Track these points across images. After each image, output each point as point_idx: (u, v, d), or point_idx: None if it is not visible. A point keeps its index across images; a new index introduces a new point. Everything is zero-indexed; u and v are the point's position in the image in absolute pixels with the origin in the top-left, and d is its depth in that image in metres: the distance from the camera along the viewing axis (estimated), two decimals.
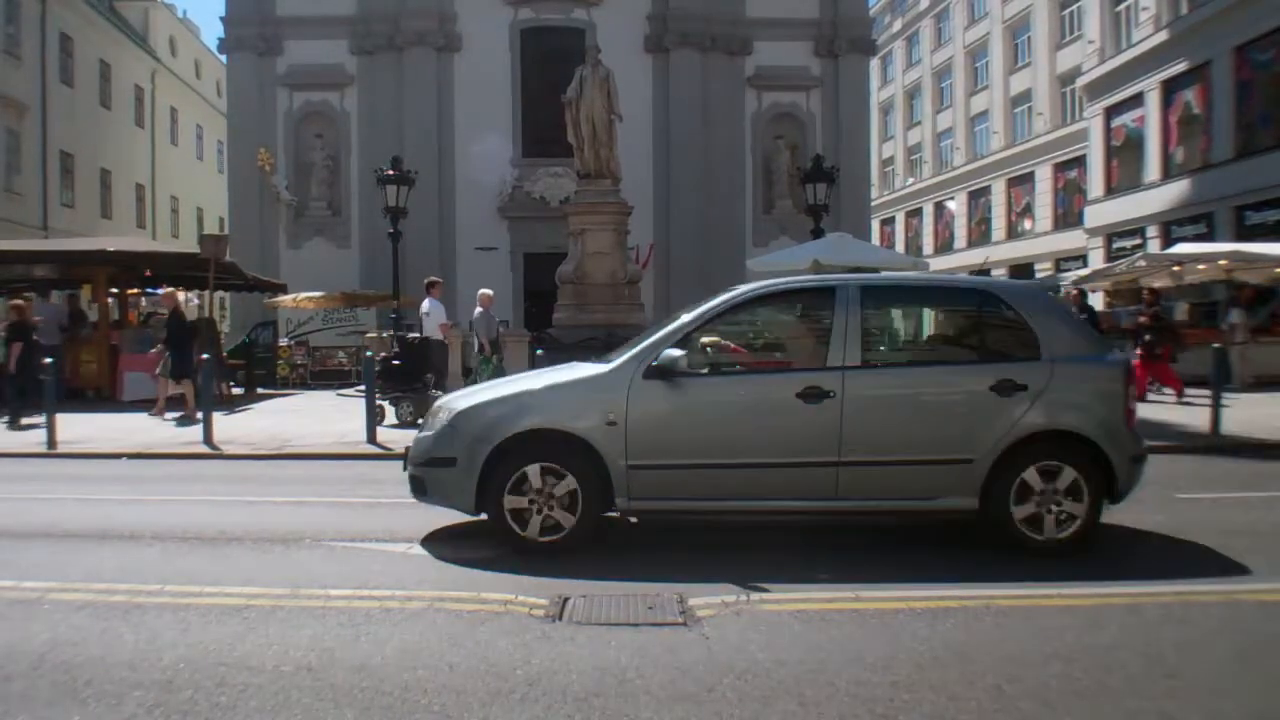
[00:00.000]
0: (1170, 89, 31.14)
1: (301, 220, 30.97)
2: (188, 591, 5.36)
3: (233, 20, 30.73)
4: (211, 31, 60.73)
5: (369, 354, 13.32)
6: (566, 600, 5.12)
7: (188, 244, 34.10)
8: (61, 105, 34.43)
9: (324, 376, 24.67)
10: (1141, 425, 13.00)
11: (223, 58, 33.83)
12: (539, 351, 12.98)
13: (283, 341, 26.10)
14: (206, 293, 20.14)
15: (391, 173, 19.75)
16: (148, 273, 21.54)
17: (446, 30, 30.43)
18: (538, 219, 29.84)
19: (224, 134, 36.62)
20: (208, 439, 11.82)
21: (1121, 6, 34.34)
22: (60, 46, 34.69)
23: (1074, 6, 40.79)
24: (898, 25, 59.97)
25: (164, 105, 43.97)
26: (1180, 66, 30.38)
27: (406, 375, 14.64)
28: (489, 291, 16.90)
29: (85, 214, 35.63)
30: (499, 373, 15.88)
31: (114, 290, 21.06)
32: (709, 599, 5.13)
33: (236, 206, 31.11)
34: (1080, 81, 37.42)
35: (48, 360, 12.91)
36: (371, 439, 11.87)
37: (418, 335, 16.17)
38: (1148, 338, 16.50)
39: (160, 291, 25.97)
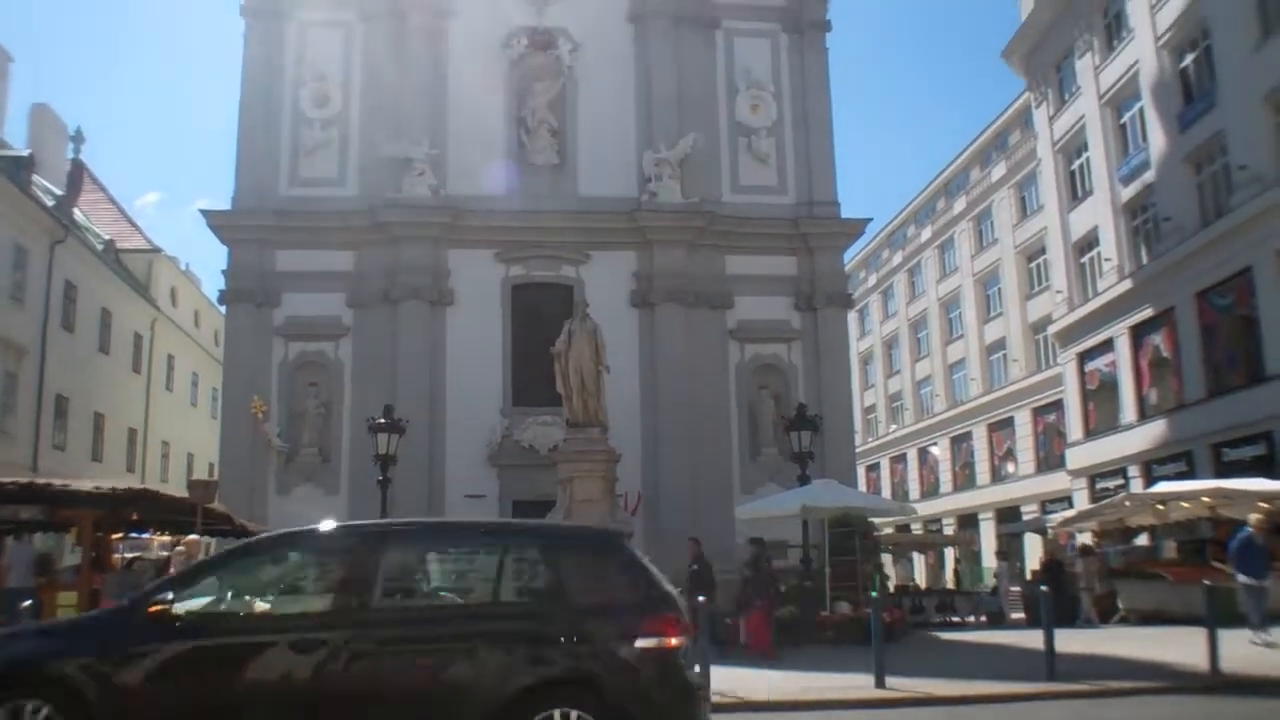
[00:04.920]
0: (1139, 334, 32.28)
1: (291, 466, 30.98)
2: None
3: (234, 274, 31.85)
4: (212, 282, 62.91)
5: None
6: None
7: (177, 489, 34.02)
8: (61, 349, 35.25)
9: None
10: (1136, 665, 12.79)
11: (222, 308, 34.93)
12: None
13: None
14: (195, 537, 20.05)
15: (383, 421, 20.09)
16: (134, 516, 21.42)
17: (440, 285, 31.54)
18: (527, 467, 29.91)
19: (218, 381, 37.26)
20: None
21: (1086, 258, 36.16)
22: (64, 294, 35.89)
23: (1041, 259, 42.93)
24: (873, 280, 62.77)
25: (162, 353, 45.02)
26: (1146, 313, 31.63)
27: None
28: None
29: (76, 456, 35.76)
30: None
31: (98, 533, 20.90)
32: None
33: (227, 452, 31.20)
34: (1051, 329, 38.89)
35: (26, 603, 12.69)
36: None
37: None
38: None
39: (145, 535, 25.75)
